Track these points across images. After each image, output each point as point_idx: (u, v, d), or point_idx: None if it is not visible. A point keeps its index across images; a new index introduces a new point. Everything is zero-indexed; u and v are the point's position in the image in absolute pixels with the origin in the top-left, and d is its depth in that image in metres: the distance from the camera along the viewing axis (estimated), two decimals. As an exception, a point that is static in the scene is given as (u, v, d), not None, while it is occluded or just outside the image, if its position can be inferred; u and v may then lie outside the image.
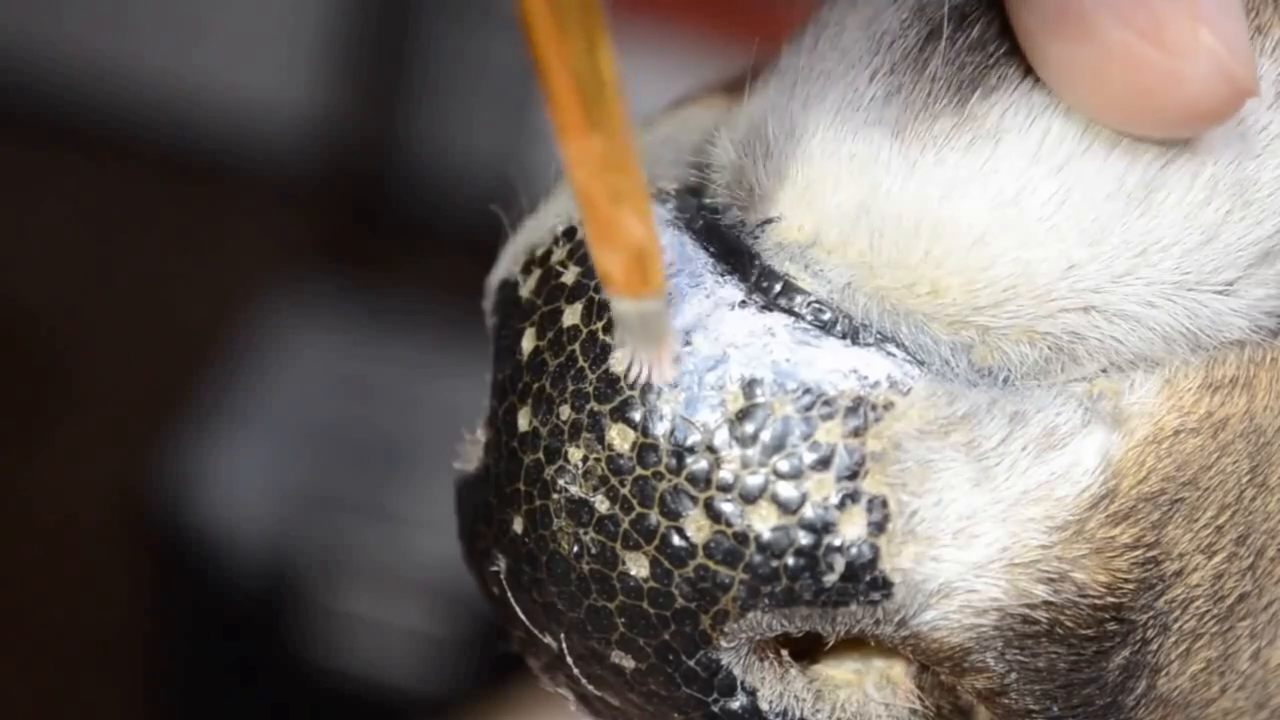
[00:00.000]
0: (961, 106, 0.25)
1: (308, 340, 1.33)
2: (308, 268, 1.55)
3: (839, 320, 0.25)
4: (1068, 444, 0.25)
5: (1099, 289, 0.25)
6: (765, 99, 0.26)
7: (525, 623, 0.27)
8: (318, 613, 1.22)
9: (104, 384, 1.50)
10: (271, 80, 1.65)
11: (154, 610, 1.30)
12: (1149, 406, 0.25)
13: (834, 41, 0.26)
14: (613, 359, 0.25)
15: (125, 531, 1.36)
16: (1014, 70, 0.25)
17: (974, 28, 0.25)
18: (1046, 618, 0.25)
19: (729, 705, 0.26)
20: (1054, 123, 0.25)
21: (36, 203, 1.64)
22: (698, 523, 0.25)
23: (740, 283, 0.25)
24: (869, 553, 0.24)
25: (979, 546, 0.24)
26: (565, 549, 0.25)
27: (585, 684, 0.27)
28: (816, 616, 0.25)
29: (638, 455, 0.25)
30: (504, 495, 0.26)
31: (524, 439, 0.26)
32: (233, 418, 1.27)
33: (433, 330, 1.34)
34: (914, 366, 0.25)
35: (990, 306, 0.25)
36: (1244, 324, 0.25)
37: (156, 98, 1.67)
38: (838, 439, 0.24)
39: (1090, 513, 0.25)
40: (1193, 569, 0.25)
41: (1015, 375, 0.25)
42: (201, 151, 1.67)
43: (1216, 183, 0.25)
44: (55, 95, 1.69)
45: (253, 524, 1.22)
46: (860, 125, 0.25)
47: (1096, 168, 0.24)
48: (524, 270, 0.27)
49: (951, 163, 0.25)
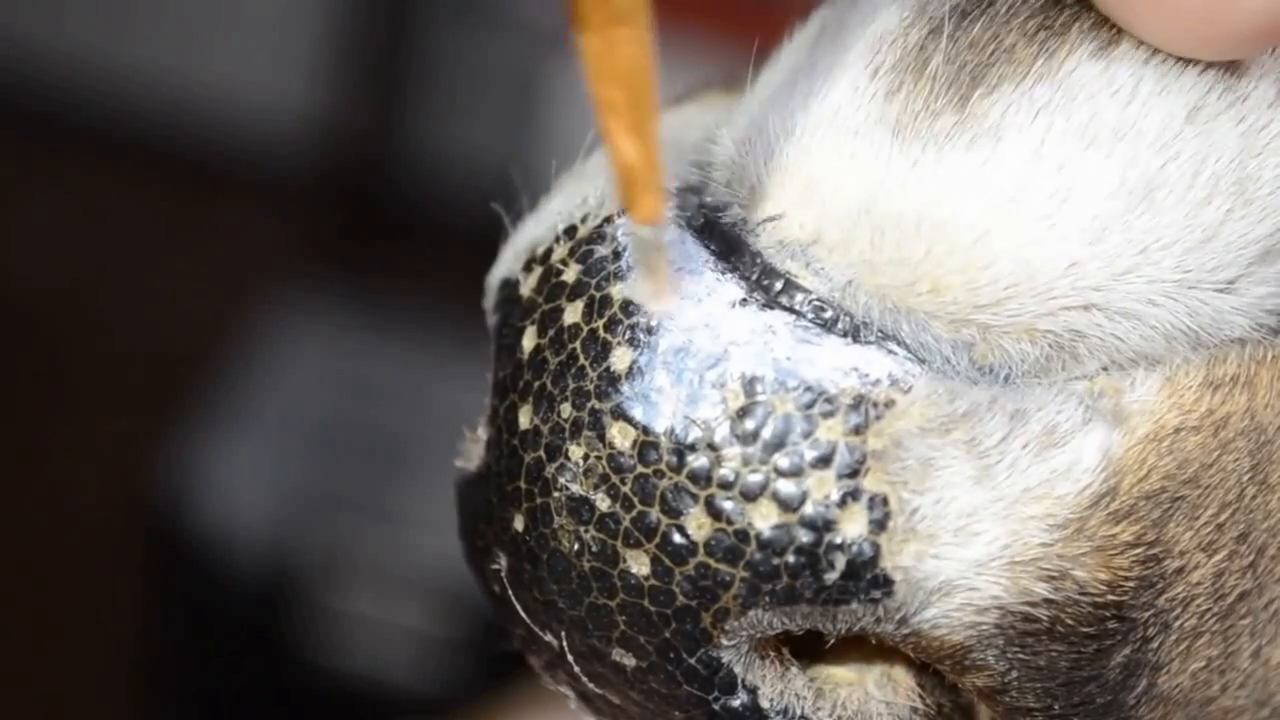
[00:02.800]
0: (962, 105, 0.25)
1: (308, 340, 1.33)
2: (308, 267, 1.55)
3: (840, 318, 0.25)
4: (1068, 442, 0.25)
5: (1100, 287, 0.25)
6: (766, 97, 0.26)
7: (526, 621, 0.27)
8: (318, 613, 1.22)
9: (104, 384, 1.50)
10: (272, 80, 1.65)
11: (154, 610, 1.30)
12: (1150, 404, 0.25)
13: (834, 40, 0.26)
14: (613, 356, 0.25)
15: (125, 532, 1.36)
16: (1015, 68, 0.25)
17: (975, 26, 0.25)
18: (1047, 616, 0.25)
19: (730, 703, 0.26)
20: (1055, 120, 0.25)
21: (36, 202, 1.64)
22: (698, 520, 0.25)
23: (741, 281, 0.25)
24: (870, 550, 0.24)
25: (980, 544, 0.25)
26: (566, 547, 0.25)
27: (586, 682, 0.27)
28: (817, 614, 0.25)
29: (638, 453, 0.25)
30: (505, 493, 0.26)
31: (525, 437, 0.26)
32: (233, 418, 1.27)
33: (433, 330, 1.34)
34: (915, 364, 0.25)
35: (991, 304, 0.25)
36: (1245, 322, 0.25)
37: (156, 98, 1.67)
38: (839, 437, 0.24)
39: (1091, 511, 0.25)
40: (1194, 567, 0.25)
41: (1016, 373, 0.25)
42: (202, 151, 1.67)
43: (1217, 181, 0.25)
44: (54, 95, 1.69)
45: (253, 524, 1.22)
46: (861, 123, 0.25)
47: (1097, 166, 0.24)
48: (525, 268, 0.27)
49: (952, 161, 0.25)
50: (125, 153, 1.67)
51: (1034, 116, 0.25)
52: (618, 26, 0.22)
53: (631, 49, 0.22)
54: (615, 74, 0.23)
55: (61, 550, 1.40)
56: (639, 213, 0.24)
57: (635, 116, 0.23)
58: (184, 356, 1.45)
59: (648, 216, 0.24)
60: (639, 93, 0.23)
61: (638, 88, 0.23)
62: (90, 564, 1.39)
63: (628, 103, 0.23)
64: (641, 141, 0.23)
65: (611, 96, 0.23)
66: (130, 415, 1.46)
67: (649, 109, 0.23)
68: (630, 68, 0.23)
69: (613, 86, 0.23)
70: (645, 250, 0.25)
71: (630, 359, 0.25)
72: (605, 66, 0.23)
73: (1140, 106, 0.25)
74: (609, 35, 0.22)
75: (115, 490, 1.40)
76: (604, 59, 0.22)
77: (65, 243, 1.61)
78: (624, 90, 0.23)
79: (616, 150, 0.23)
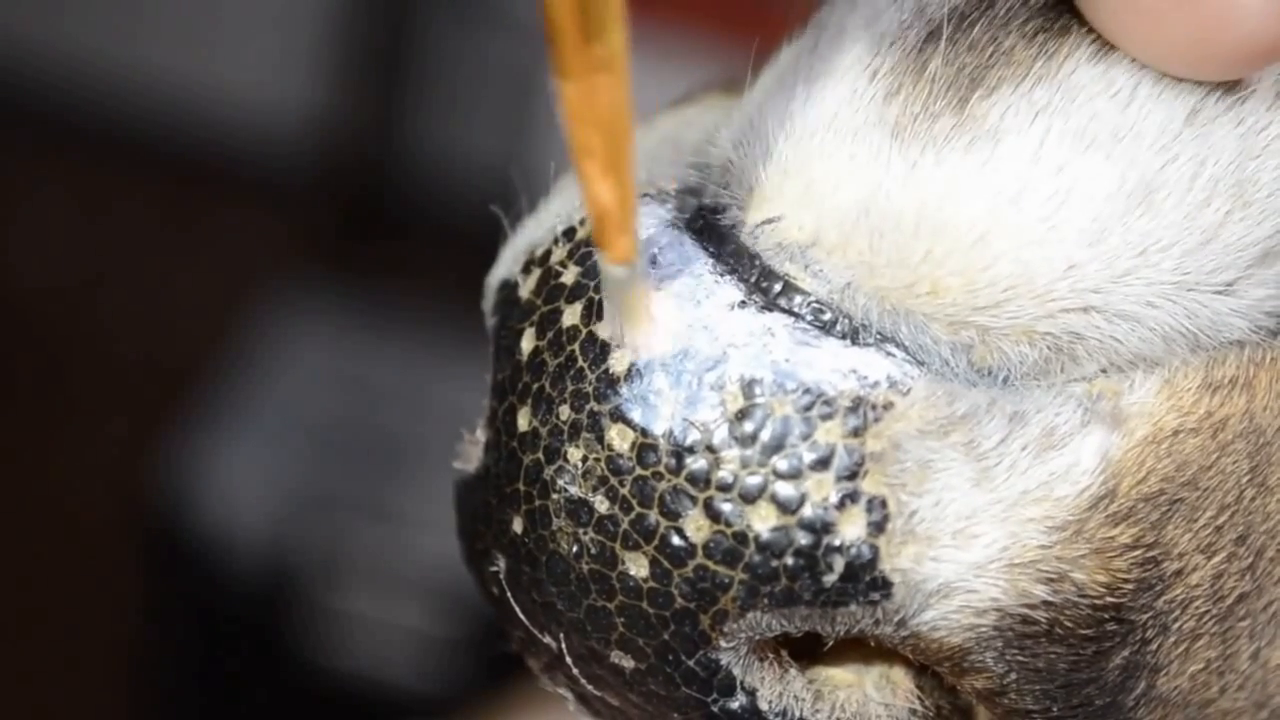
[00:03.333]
0: (961, 107, 0.25)
1: (307, 340, 1.33)
2: (307, 267, 1.55)
3: (839, 320, 0.25)
4: (1067, 444, 0.25)
5: (1099, 289, 0.25)
6: (765, 99, 0.26)
7: (525, 623, 0.27)
8: (318, 613, 1.22)
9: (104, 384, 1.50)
10: (272, 80, 1.65)
11: (154, 610, 1.30)
12: (1149, 407, 0.25)
13: (834, 41, 0.26)
14: (612, 359, 0.25)
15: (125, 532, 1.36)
16: (1014, 70, 0.25)
17: (974, 28, 0.25)
18: (1046, 618, 0.25)
19: (728, 705, 0.26)
20: (1054, 122, 0.25)
21: (36, 202, 1.64)
22: (697, 523, 0.25)
23: (740, 283, 0.25)
24: (868, 553, 0.24)
25: (978, 547, 0.24)
26: (565, 549, 0.25)
27: (585, 684, 0.27)
28: (816, 616, 0.25)
29: (637, 455, 0.25)
30: (503, 495, 0.26)
31: (524, 439, 0.26)
32: (233, 418, 1.27)
33: (432, 330, 1.34)
34: (913, 367, 0.25)
35: (990, 306, 0.25)
36: (1244, 324, 0.25)
37: (156, 98, 1.67)
38: (837, 439, 0.24)
39: (1090, 513, 0.25)
40: (1192, 569, 0.25)
41: (1015, 375, 0.25)
42: (201, 151, 1.67)
43: (1216, 183, 0.25)
44: (54, 95, 1.69)
45: (253, 524, 1.22)
46: (860, 125, 0.25)
47: (1096, 168, 0.24)
48: (524, 270, 0.27)
49: (951, 163, 0.25)
50: (125, 153, 1.67)
51: (1033, 118, 0.25)
52: (598, 74, 0.22)
53: (611, 96, 0.23)
54: (594, 119, 0.23)
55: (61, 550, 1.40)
56: (613, 253, 0.24)
57: (612, 160, 0.23)
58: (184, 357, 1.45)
59: (620, 257, 0.24)
60: (616, 138, 0.23)
61: (615, 133, 0.23)
62: (90, 564, 1.39)
63: (604, 147, 0.23)
64: (617, 184, 0.24)
65: (589, 141, 0.23)
66: (130, 415, 1.46)
67: (625, 154, 0.23)
68: (609, 114, 0.23)
69: (591, 131, 0.23)
70: (618, 290, 0.25)
71: (629, 361, 0.25)
72: (584, 112, 0.23)
73: (1139, 108, 0.25)
74: (589, 82, 0.22)
75: (115, 490, 1.40)
76: (583, 105, 0.23)
77: (65, 243, 1.61)
78: (602, 135, 0.23)
79: (592, 193, 0.24)
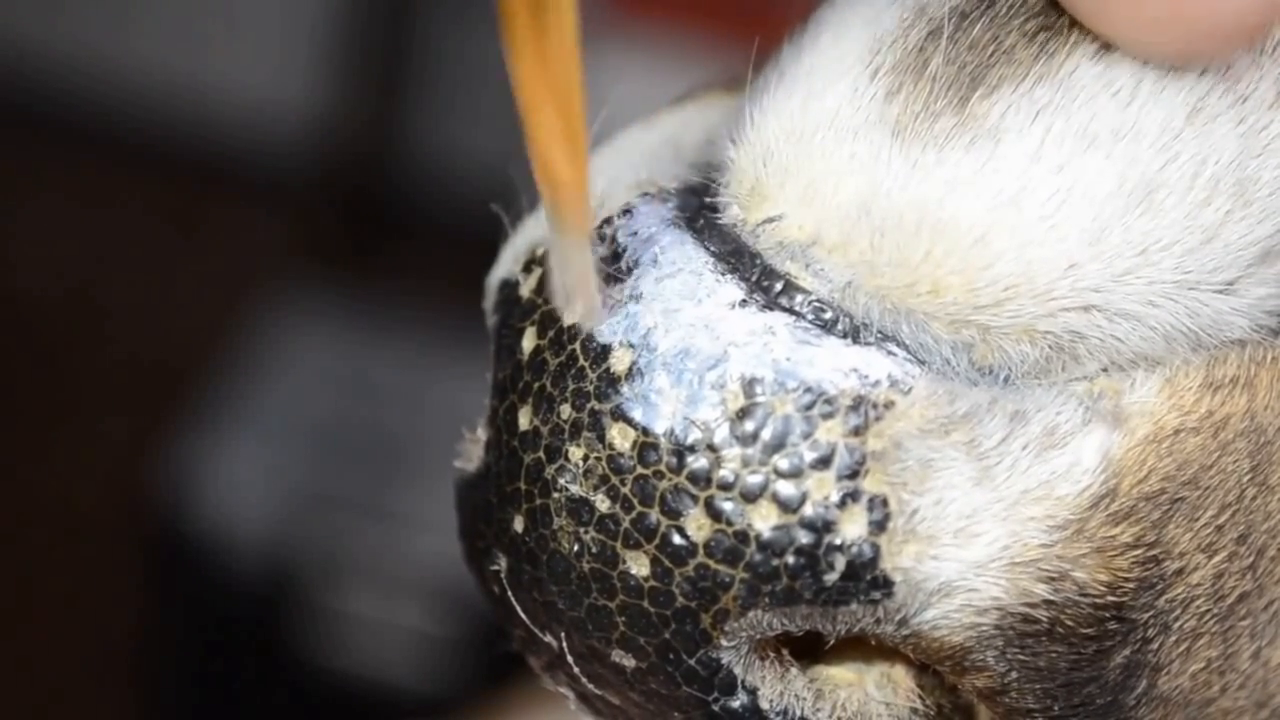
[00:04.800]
0: (962, 106, 0.25)
1: (308, 340, 1.33)
2: (307, 267, 1.55)
3: (840, 319, 0.25)
4: (1068, 443, 0.25)
5: (1100, 288, 0.25)
6: (766, 98, 0.26)
7: (525, 622, 0.27)
8: (318, 613, 1.22)
9: (104, 384, 1.50)
10: (272, 80, 1.65)
11: (154, 610, 1.30)
12: (1150, 406, 0.25)
13: (834, 40, 0.26)
14: (613, 358, 0.25)
15: (125, 531, 1.36)
16: (1015, 69, 0.25)
17: (975, 27, 0.25)
18: (1047, 617, 0.25)
19: (729, 704, 0.26)
20: (1055, 121, 0.25)
21: (36, 202, 1.64)
22: (698, 521, 0.25)
23: (741, 282, 0.25)
24: (870, 552, 0.24)
25: (979, 545, 0.25)
26: (566, 548, 0.25)
27: (585, 683, 0.27)
28: (817, 615, 0.25)
29: (638, 454, 0.25)
30: (504, 494, 0.26)
31: (524, 438, 0.26)
32: (233, 418, 1.27)
33: (433, 330, 1.34)
34: (915, 365, 0.25)
35: (991, 306, 0.25)
36: (1245, 323, 0.25)
37: (157, 98, 1.67)
38: (838, 438, 0.24)
39: (1091, 512, 0.25)
40: (1193, 568, 0.25)
41: (1016, 374, 0.25)
42: (201, 151, 1.67)
43: (1217, 182, 0.25)
44: (54, 95, 1.69)
45: (253, 524, 1.22)
46: (861, 125, 0.25)
47: (1097, 167, 0.24)
48: (524, 269, 0.27)
49: (952, 162, 0.25)
50: (125, 153, 1.67)
51: (1034, 117, 0.25)
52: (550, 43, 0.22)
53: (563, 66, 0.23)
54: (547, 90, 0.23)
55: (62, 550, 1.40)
56: (566, 225, 0.24)
57: (566, 131, 0.23)
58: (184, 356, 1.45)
59: (574, 229, 0.24)
60: (569, 109, 0.23)
61: (568, 104, 0.23)
62: (90, 564, 1.39)
63: (558, 118, 0.23)
64: (571, 157, 0.24)
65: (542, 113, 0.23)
66: (130, 415, 1.46)
67: (579, 125, 0.23)
68: (562, 85, 0.23)
69: (544, 102, 0.23)
70: (569, 262, 0.25)
71: (630, 360, 0.25)
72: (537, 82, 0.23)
73: (1140, 107, 0.25)
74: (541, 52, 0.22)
75: (115, 490, 1.40)
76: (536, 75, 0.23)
77: (65, 243, 1.61)
78: (556, 106, 0.23)
79: (545, 165, 0.24)
